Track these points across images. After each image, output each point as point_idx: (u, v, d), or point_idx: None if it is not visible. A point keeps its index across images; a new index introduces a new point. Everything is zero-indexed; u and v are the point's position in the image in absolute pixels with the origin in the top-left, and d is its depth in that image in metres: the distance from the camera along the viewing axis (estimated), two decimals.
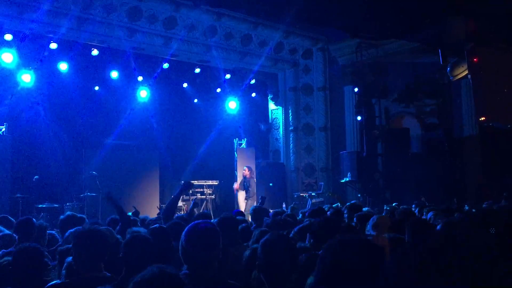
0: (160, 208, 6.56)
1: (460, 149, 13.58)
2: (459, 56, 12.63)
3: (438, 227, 3.26)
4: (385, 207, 9.53)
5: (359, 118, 14.35)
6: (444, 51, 12.48)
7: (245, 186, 13.24)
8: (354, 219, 5.19)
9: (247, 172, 13.34)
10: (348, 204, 7.62)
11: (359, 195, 13.19)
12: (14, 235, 4.81)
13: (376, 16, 11.49)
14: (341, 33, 14.17)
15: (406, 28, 12.12)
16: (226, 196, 14.36)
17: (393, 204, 9.60)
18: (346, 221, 5.80)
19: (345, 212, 6.63)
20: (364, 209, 7.16)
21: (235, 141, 14.62)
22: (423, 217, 6.03)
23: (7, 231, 5.06)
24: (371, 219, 4.39)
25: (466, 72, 12.58)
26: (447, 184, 12.87)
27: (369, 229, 4.33)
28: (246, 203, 12.87)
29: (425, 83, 14.29)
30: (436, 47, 12.57)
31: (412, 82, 14.38)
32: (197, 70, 13.87)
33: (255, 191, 13.15)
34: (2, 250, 4.15)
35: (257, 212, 6.10)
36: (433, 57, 13.18)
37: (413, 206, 8.86)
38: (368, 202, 12.82)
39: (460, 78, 13.01)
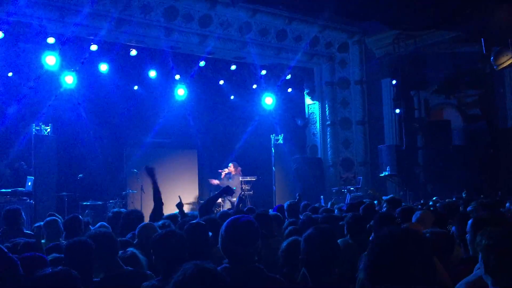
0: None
1: (504, 140, 13.09)
2: (503, 45, 12.16)
3: (469, 222, 3.10)
4: (421, 201, 9.33)
5: (397, 111, 14.05)
6: (487, 40, 12.04)
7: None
8: (396, 214, 5.11)
9: (232, 169, 13.02)
10: (387, 197, 7.51)
11: (401, 193, 12.91)
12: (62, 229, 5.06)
13: (417, 6, 11.21)
14: (378, 25, 13.89)
15: (448, 17, 11.77)
16: (264, 192, 14.39)
17: (434, 198, 9.40)
18: None
19: (384, 206, 6.58)
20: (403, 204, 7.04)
21: (272, 137, 14.62)
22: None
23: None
24: (415, 214, 4.33)
25: (511, 61, 12.11)
26: (490, 178, 12.44)
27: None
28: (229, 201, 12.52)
29: (466, 73, 13.84)
30: (479, 36, 12.15)
31: (453, 73, 13.96)
32: (233, 67, 13.94)
33: (240, 189, 12.75)
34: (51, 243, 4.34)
35: (292, 208, 6.38)
36: (474, 47, 12.75)
37: (453, 199, 8.66)
38: (409, 196, 12.58)
39: (505, 67, 12.53)
